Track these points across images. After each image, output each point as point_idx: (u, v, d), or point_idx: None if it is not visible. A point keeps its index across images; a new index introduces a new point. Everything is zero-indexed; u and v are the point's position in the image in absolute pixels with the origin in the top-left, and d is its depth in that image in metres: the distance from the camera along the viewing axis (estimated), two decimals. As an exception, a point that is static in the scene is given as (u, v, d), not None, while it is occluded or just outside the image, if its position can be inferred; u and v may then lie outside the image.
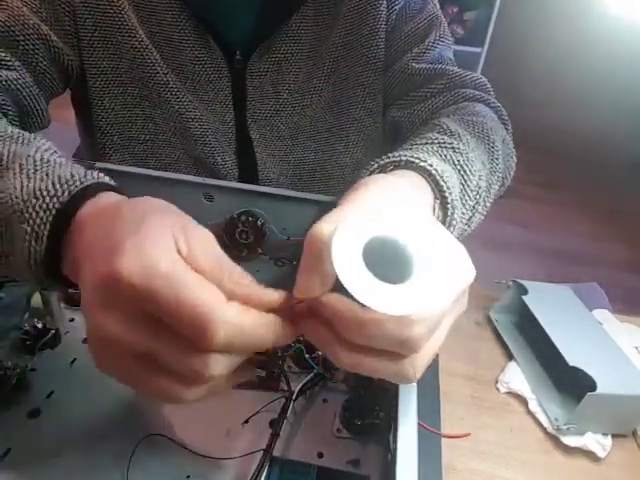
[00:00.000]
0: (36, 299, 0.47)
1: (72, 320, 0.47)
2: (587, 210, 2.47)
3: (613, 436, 0.49)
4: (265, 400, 0.41)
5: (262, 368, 0.43)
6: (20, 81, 0.53)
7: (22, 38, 0.53)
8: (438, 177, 0.39)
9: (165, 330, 0.25)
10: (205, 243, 0.28)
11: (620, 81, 2.62)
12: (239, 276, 0.28)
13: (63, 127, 0.87)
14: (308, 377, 0.42)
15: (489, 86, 0.63)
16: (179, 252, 0.27)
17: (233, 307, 0.26)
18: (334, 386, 0.43)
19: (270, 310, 0.28)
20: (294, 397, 0.40)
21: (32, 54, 0.54)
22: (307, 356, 0.43)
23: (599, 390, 0.45)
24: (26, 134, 0.40)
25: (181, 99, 0.60)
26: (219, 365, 0.26)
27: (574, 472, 0.47)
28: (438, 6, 0.65)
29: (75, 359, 0.43)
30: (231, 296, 0.27)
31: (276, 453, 0.37)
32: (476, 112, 0.55)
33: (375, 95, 0.65)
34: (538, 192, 2.61)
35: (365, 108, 0.66)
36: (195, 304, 0.24)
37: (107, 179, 0.35)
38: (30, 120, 0.56)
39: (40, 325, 0.44)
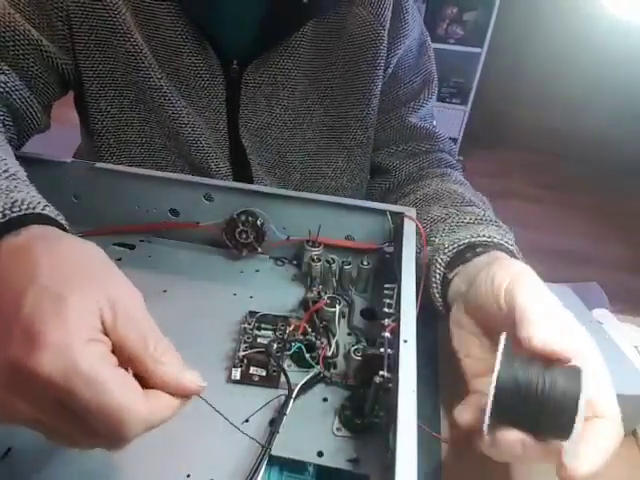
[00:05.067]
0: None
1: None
2: (587, 210, 2.48)
3: (613, 436, 0.49)
4: (265, 398, 0.41)
5: (262, 367, 0.43)
6: (9, 84, 0.53)
7: (12, 44, 0.53)
8: (514, 250, 0.46)
9: (75, 414, 0.25)
10: (131, 312, 0.28)
11: (620, 81, 2.63)
12: (162, 351, 0.29)
13: (63, 127, 0.87)
14: (308, 376, 0.42)
15: (455, 150, 0.73)
16: (103, 323, 0.27)
17: (146, 405, 0.27)
18: (334, 385, 0.43)
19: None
20: (294, 395, 0.40)
21: (22, 59, 0.54)
22: (307, 355, 0.43)
23: (599, 389, 0.45)
24: None
25: (174, 104, 0.60)
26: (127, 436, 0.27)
27: (574, 471, 0.46)
28: (433, 57, 0.70)
29: (75, 358, 0.43)
30: (150, 377, 0.28)
31: (275, 452, 0.37)
32: (463, 181, 0.64)
33: (367, 128, 0.67)
34: (538, 193, 2.61)
35: (355, 139, 0.67)
36: (111, 409, 0.25)
37: (48, 211, 0.34)
38: (24, 123, 0.57)
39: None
